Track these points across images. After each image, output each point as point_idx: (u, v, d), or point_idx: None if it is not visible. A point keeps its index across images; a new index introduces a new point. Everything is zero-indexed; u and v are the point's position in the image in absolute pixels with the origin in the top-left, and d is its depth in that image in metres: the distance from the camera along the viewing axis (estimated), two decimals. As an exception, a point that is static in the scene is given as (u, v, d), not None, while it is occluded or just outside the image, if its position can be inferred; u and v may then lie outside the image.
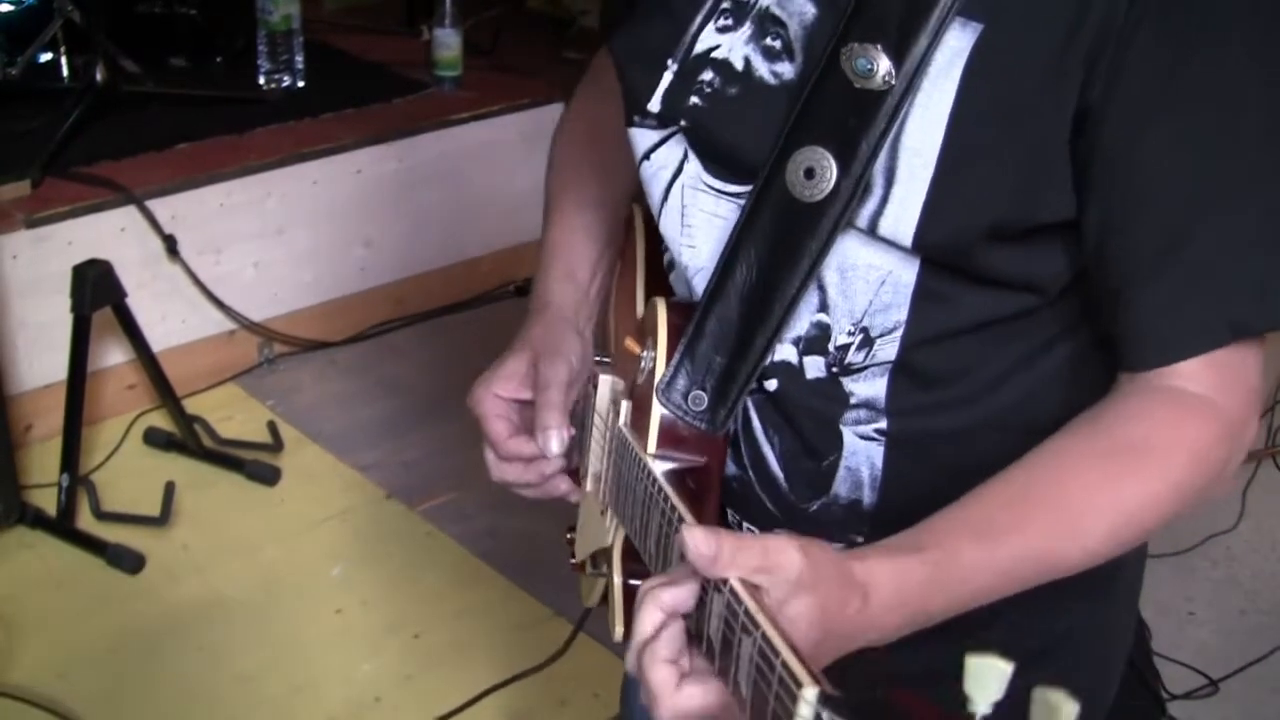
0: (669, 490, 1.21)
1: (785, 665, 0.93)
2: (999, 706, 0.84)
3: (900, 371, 1.28)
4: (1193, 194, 1.15)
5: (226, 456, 3.57)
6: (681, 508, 1.18)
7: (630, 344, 1.43)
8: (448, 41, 4.33)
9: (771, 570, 1.02)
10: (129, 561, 3.18)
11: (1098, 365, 1.26)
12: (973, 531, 1.15)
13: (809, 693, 0.90)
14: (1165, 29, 1.11)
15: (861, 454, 1.32)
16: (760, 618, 0.98)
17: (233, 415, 3.77)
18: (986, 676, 0.84)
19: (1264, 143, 1.15)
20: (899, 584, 1.10)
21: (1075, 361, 1.30)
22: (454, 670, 2.98)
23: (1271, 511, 3.61)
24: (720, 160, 1.31)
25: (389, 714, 2.89)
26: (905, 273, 1.23)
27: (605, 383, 1.46)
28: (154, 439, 3.61)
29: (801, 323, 1.28)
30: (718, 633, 1.03)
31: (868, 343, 1.27)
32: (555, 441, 1.44)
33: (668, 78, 1.31)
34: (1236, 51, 1.13)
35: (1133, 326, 1.19)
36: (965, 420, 1.30)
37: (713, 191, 1.31)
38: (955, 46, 1.16)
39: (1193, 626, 3.27)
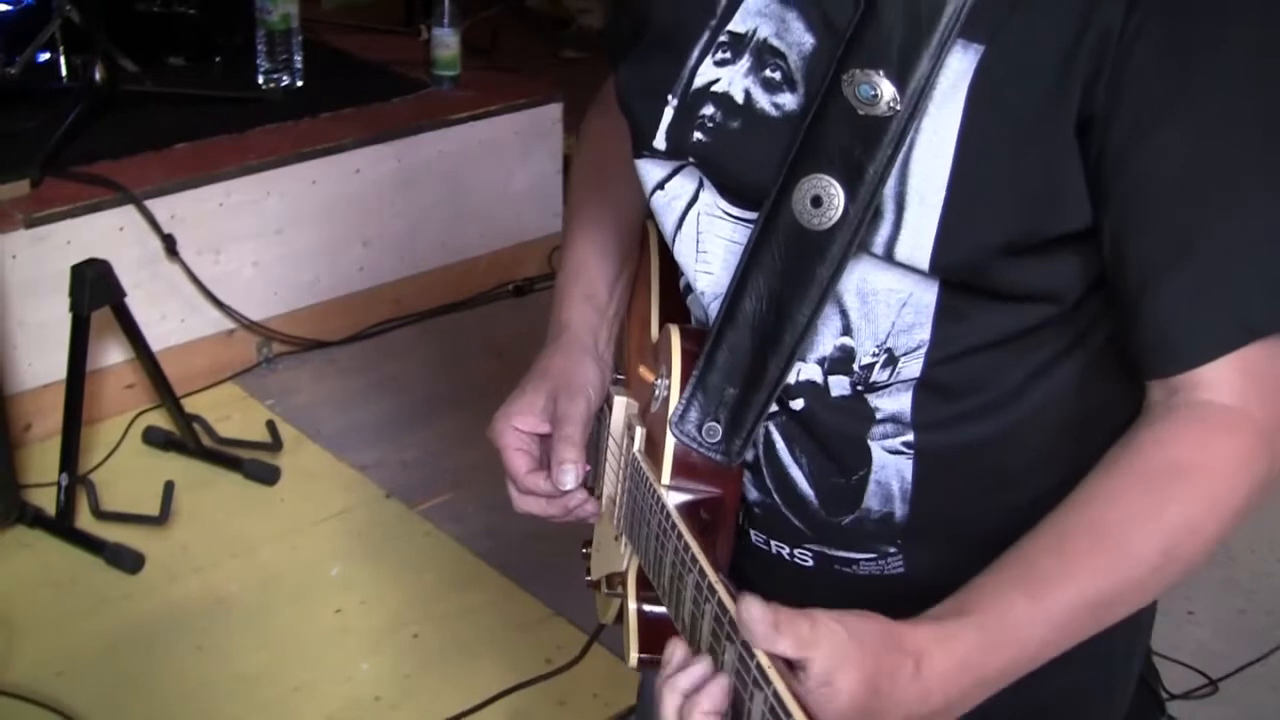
0: (682, 527, 1.21)
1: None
2: None
3: (924, 387, 1.28)
4: (1200, 198, 1.15)
5: (225, 456, 3.56)
6: (694, 546, 1.17)
7: (645, 370, 1.43)
8: (446, 41, 4.32)
9: (817, 644, 1.02)
10: (128, 561, 3.18)
11: (1115, 364, 1.26)
12: (1019, 586, 1.13)
13: None
14: (1166, 35, 1.12)
15: (891, 468, 1.32)
16: (771, 674, 0.98)
17: (231, 415, 3.76)
18: None
19: (1268, 143, 1.15)
20: (950, 649, 1.08)
21: (1093, 363, 1.30)
22: (453, 670, 2.98)
23: (1270, 512, 3.59)
24: (732, 191, 1.30)
25: (388, 713, 2.88)
26: (926, 294, 1.23)
27: (620, 405, 1.46)
28: (153, 438, 3.61)
29: (825, 345, 1.28)
30: (730, 686, 1.03)
31: (892, 362, 1.27)
32: (570, 477, 1.43)
33: (669, 113, 1.30)
34: (1237, 53, 1.13)
35: (1149, 334, 1.19)
36: (990, 429, 1.30)
37: (729, 218, 1.31)
38: (958, 69, 1.16)
39: (1192, 626, 3.27)
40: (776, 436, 1.34)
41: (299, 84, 4.21)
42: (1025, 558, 1.15)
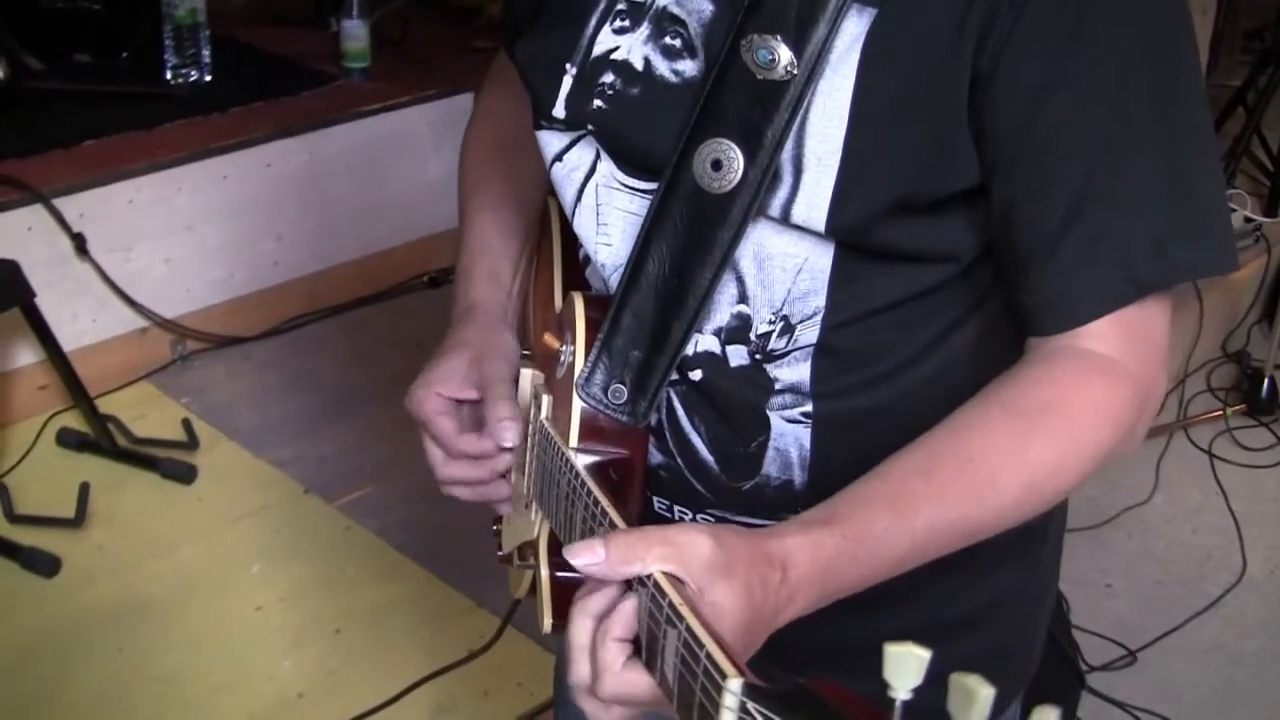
0: (591, 484, 1.23)
1: (710, 657, 0.94)
2: (918, 692, 0.84)
3: (822, 354, 1.30)
4: (1090, 160, 1.18)
5: (141, 456, 3.53)
6: (604, 501, 1.19)
7: (549, 338, 1.44)
8: (356, 33, 4.31)
9: (684, 559, 1.04)
10: (44, 564, 3.14)
11: (1010, 330, 1.29)
12: (886, 502, 1.16)
13: (734, 684, 0.91)
14: (1056, 2, 1.14)
15: (789, 436, 1.33)
16: (684, 610, 0.99)
17: (147, 414, 3.73)
18: (905, 664, 0.84)
19: (1155, 107, 1.18)
20: (814, 555, 1.10)
21: (989, 329, 1.32)
22: (376, 664, 2.97)
23: (1184, 483, 3.66)
24: (630, 160, 1.32)
25: (311, 710, 2.87)
26: (821, 259, 1.25)
27: (525, 376, 1.47)
28: (67, 440, 3.57)
29: (722, 314, 1.30)
30: (644, 626, 1.04)
31: (788, 330, 1.28)
32: (512, 434, 1.42)
33: (568, 82, 1.32)
34: (1127, 20, 1.16)
35: (1039, 293, 1.22)
36: (887, 396, 1.32)
37: (626, 189, 1.32)
38: (853, 33, 1.18)
39: (1110, 598, 3.31)
40: (677, 404, 1.36)
41: (207, 79, 4.17)
42: (895, 475, 1.18)
